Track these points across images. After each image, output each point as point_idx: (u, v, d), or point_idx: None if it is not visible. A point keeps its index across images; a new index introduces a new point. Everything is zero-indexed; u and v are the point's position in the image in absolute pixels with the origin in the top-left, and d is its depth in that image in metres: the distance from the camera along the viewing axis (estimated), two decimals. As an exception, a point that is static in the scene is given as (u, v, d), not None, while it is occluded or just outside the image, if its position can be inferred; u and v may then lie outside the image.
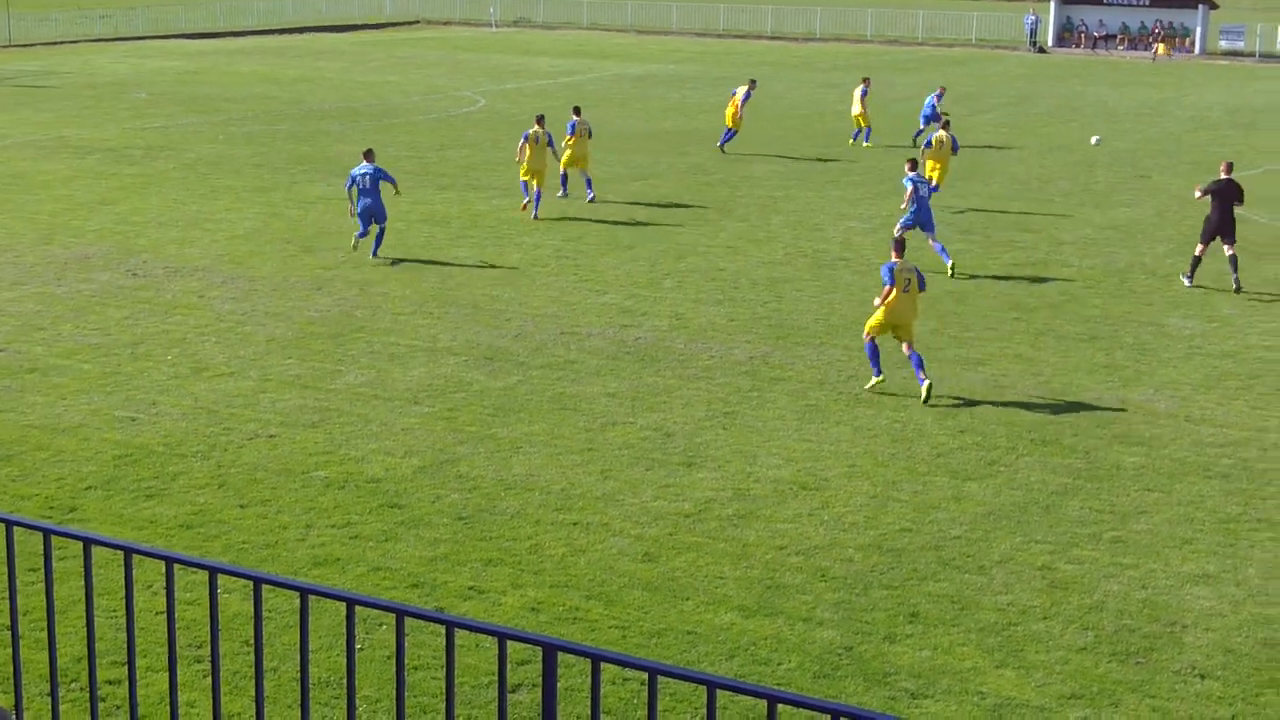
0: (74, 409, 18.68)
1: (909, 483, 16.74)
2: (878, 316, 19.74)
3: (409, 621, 9.67)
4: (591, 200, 33.07)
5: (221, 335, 22.25)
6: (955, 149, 33.48)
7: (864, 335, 20.18)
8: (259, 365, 20.77)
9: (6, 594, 8.39)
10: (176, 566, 7.69)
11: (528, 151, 31.44)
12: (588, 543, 14.87)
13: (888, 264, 20.02)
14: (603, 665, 6.10)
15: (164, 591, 10.65)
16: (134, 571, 7.68)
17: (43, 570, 8.16)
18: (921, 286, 19.98)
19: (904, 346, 19.91)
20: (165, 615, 8.94)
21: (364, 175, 27.72)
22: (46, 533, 8.01)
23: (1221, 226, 26.20)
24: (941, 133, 33.43)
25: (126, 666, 8.40)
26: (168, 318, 23.15)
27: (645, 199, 33.65)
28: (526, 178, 32.02)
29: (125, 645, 8.32)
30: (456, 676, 11.63)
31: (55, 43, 78.12)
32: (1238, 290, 25.92)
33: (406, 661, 11.56)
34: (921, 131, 44.18)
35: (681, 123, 48.43)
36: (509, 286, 25.67)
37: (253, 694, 11.07)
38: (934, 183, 32.29)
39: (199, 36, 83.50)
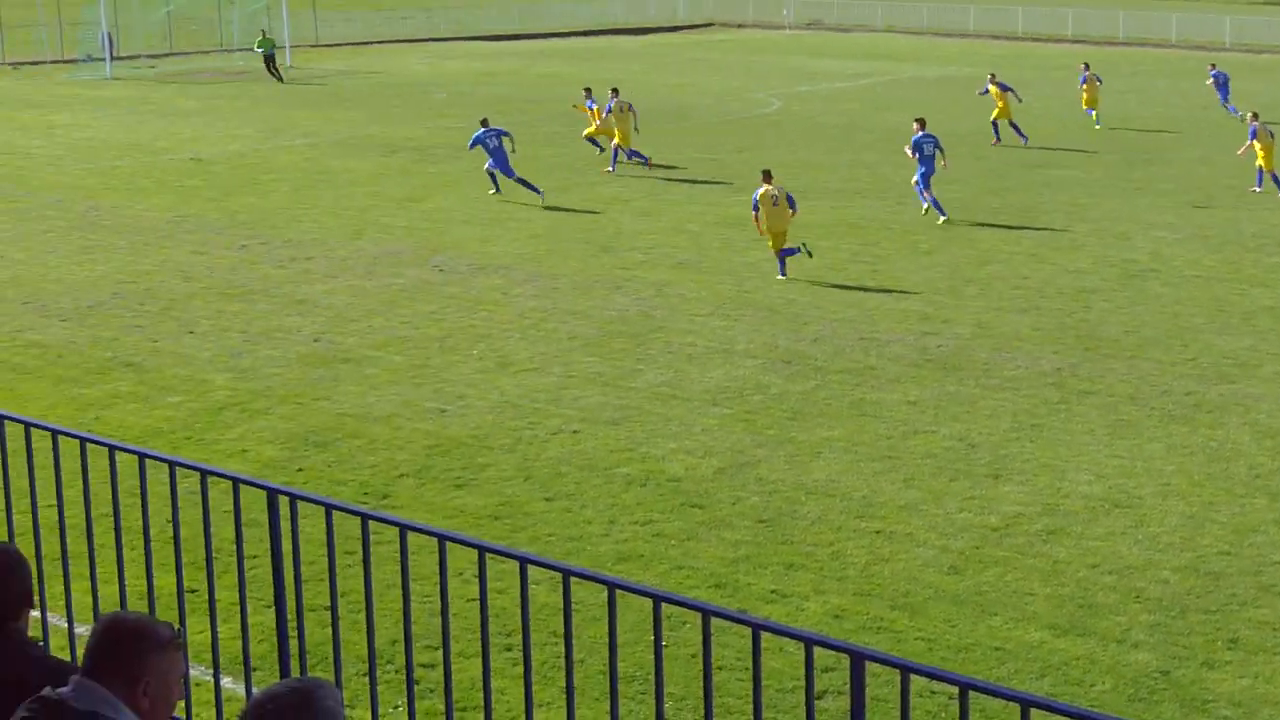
0: (386, 399, 19.17)
1: (1227, 504, 16.03)
2: (766, 235, 26.34)
3: (713, 622, 9.54)
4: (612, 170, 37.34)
5: (525, 331, 22.60)
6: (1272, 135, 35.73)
7: (771, 250, 26.46)
8: (561, 361, 21.03)
9: (326, 576, 8.57)
10: (488, 556, 7.75)
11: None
12: (891, 552, 14.61)
13: (755, 191, 26.65)
14: (911, 677, 5.88)
15: (475, 580, 10.78)
16: (447, 559, 7.78)
17: (360, 554, 8.31)
18: (791, 205, 26.34)
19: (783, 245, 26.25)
20: (477, 603, 9.01)
21: (491, 135, 32.75)
22: (364, 517, 8.15)
23: None
24: (1261, 124, 35.68)
25: (441, 651, 8.51)
26: (473, 313, 23.63)
27: (946, 203, 33.09)
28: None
29: (439, 630, 8.43)
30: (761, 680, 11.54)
31: (360, 43, 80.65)
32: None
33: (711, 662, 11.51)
34: (1228, 104, 50.10)
35: (979, 126, 47.57)
36: (806, 290, 25.50)
37: (561, 684, 11.14)
38: (1262, 168, 35.40)
39: (497, 39, 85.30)
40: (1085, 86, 48.44)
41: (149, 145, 41.43)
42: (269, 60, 60.85)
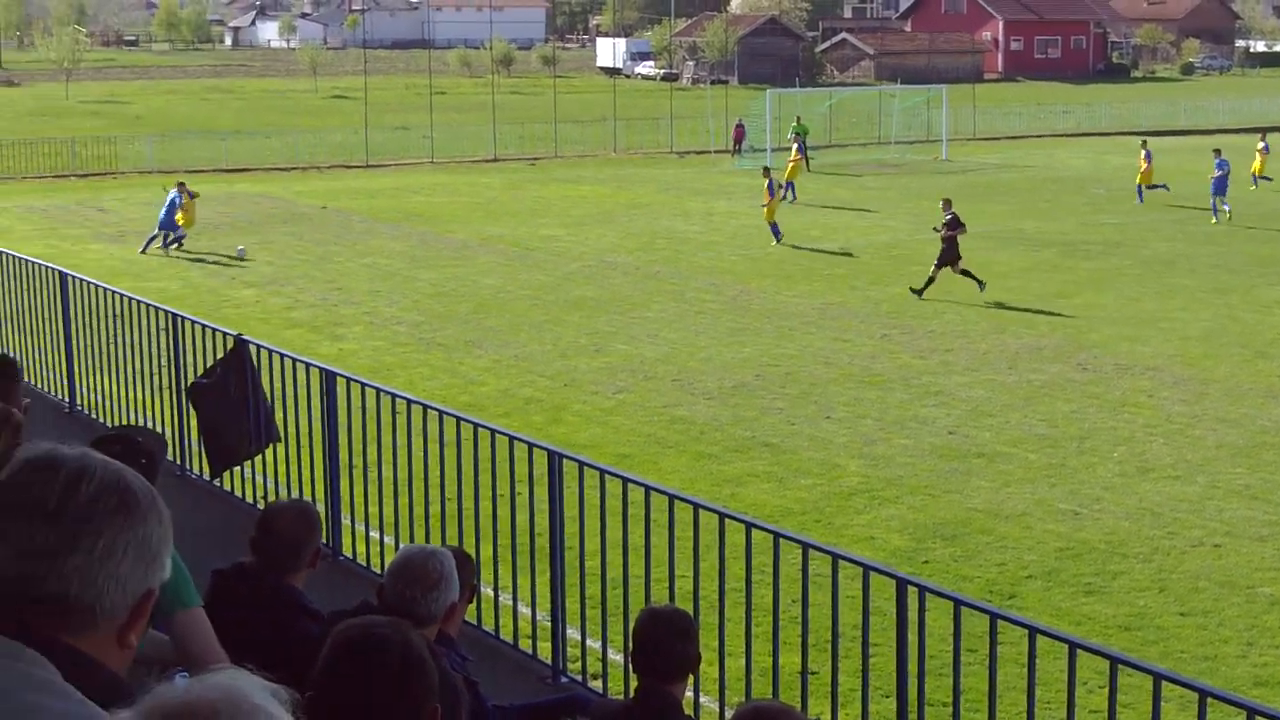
0: (1017, 497, 18.89)
1: None
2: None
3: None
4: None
5: (1170, 437, 21.73)
6: None
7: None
8: (1207, 471, 20.07)
9: (949, 670, 8.51)
10: (1119, 667, 7.50)
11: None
12: None
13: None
14: None
15: (1099, 690, 10.43)
16: (1076, 666, 7.56)
17: (981, 651, 8.19)
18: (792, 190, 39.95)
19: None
20: (1101, 714, 8.71)
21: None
22: (993, 616, 8.04)
23: None
24: None
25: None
26: (1116, 414, 22.94)
27: None
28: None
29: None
30: None
31: (1016, 136, 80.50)
32: None
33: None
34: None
35: None
36: None
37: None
38: None
39: (1163, 134, 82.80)
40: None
41: (802, 233, 42.78)
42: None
